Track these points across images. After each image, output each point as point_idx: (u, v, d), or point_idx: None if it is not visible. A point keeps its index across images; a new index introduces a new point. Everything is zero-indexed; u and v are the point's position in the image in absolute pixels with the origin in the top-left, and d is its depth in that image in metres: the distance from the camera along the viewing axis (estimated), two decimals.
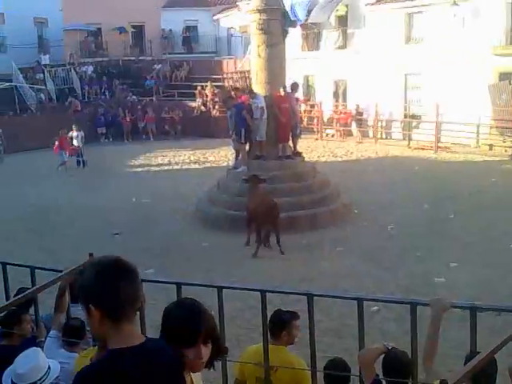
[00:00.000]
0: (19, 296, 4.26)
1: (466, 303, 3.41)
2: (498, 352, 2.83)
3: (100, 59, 32.84)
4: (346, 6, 25.69)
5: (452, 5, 21.81)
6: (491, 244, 10.40)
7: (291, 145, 13.86)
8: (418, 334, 3.38)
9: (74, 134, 20.64)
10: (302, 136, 15.88)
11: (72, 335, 4.08)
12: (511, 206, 12.90)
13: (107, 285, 2.04)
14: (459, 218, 12.28)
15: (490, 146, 20.60)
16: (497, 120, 20.86)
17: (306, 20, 25.73)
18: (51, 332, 4.20)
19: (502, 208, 12.74)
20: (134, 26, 34.87)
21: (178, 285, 3.97)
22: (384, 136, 24.46)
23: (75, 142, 20.52)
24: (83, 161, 20.39)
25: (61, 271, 4.35)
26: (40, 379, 3.16)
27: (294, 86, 13.81)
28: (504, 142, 20.04)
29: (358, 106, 24.75)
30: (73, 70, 29.86)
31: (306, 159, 14.95)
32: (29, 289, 4.38)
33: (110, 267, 2.12)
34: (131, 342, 2.05)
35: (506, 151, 19.48)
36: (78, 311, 4.72)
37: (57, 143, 19.65)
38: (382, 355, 3.37)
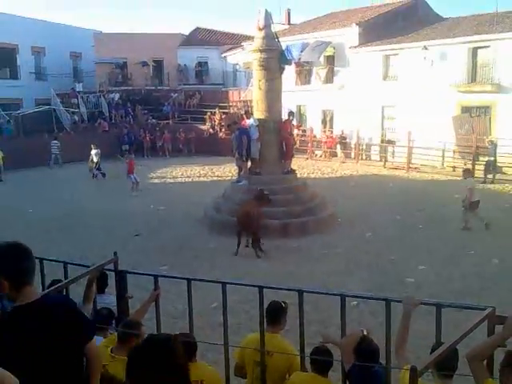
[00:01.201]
0: (52, 287, 4.25)
1: (432, 301, 3.40)
2: (459, 343, 2.82)
3: (125, 88, 33.01)
4: (333, 47, 25.82)
5: (422, 49, 21.95)
6: (453, 250, 10.37)
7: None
8: (391, 326, 3.36)
9: (93, 151, 20.58)
10: (295, 156, 15.89)
11: (102, 322, 4.06)
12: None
13: (9, 263, 2.39)
14: (426, 227, 12.25)
15: (454, 168, 20.59)
16: (459, 146, 20.90)
17: (300, 59, 25.91)
18: None
19: (461, 218, 12.71)
20: (154, 61, 35.08)
21: (189, 280, 3.95)
22: (364, 157, 24.49)
23: (95, 159, 20.50)
24: (103, 173, 20.49)
25: (88, 266, 4.34)
26: None
27: (291, 114, 13.97)
28: (465, 164, 20.00)
29: (342, 131, 24.83)
30: (102, 97, 29.94)
31: (298, 175, 14.96)
32: (61, 281, 4.37)
33: (10, 249, 2.43)
34: (29, 299, 2.41)
35: None
36: (103, 301, 4.72)
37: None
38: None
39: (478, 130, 20.13)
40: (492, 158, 18.05)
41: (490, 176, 17.96)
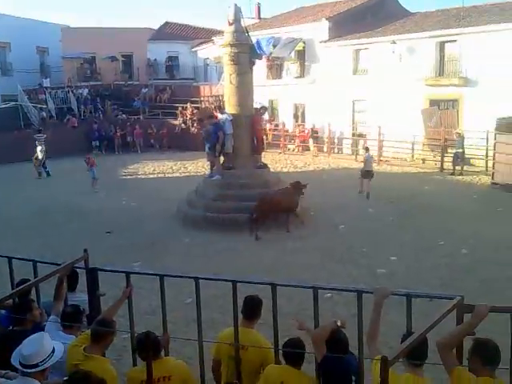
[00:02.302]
0: (22, 286, 4.16)
1: (403, 291, 3.46)
2: (429, 332, 2.87)
3: (94, 83, 32.48)
4: (304, 42, 25.91)
5: (391, 43, 22.22)
6: (423, 242, 10.56)
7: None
8: (364, 317, 3.41)
9: (38, 148, 20.07)
10: (268, 150, 15.94)
11: (69, 320, 3.99)
12: (440, 209, 13.17)
13: None
14: (397, 219, 12.45)
15: (423, 160, 20.98)
16: (428, 139, 21.27)
17: (271, 54, 25.93)
18: (51, 317, 4.11)
19: (432, 211, 12.98)
20: (124, 56, 34.67)
21: (161, 276, 3.93)
22: (336, 151, 24.71)
23: (39, 156, 20.04)
24: (47, 171, 20.11)
25: (59, 264, 4.27)
26: (42, 361, 3.08)
27: (264, 109, 14.07)
28: (434, 156, 20.44)
29: (314, 125, 24.95)
30: (70, 92, 29.36)
31: (272, 170, 15.01)
32: (29, 280, 4.29)
33: None
34: None
35: (435, 164, 19.87)
36: (74, 299, 4.65)
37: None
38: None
39: (447, 122, 20.51)
40: (460, 150, 18.43)
41: (458, 168, 18.36)
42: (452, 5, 24.13)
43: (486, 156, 18.10)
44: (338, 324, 3.43)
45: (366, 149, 16.69)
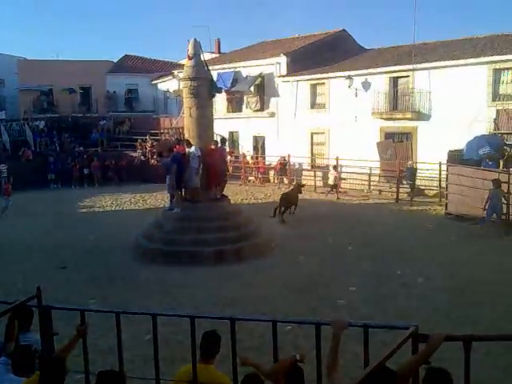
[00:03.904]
0: None
1: (360, 322, 3.50)
2: (385, 362, 2.90)
3: (51, 115, 32.02)
4: (263, 76, 26.49)
5: (347, 78, 23.01)
6: (381, 271, 10.73)
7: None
8: (324, 349, 3.41)
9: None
10: (228, 182, 16.01)
11: (20, 361, 3.82)
12: (396, 239, 13.49)
13: None
14: (356, 249, 12.64)
15: (380, 191, 21.52)
16: (384, 170, 21.89)
17: (231, 88, 26.42)
18: (1, 359, 3.93)
19: (389, 241, 13.27)
20: (82, 88, 34.47)
21: (117, 313, 3.85)
22: (290, 181, 24.99)
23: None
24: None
25: (11, 303, 4.12)
26: None
27: (224, 140, 14.23)
28: (390, 188, 21.00)
29: (284, 158, 24.68)
30: (26, 124, 28.81)
31: (232, 201, 15.02)
32: None
33: None
34: None
35: (391, 195, 20.40)
36: (26, 339, 4.47)
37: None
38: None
39: (401, 154, 21.19)
40: (410, 182, 19.14)
41: (415, 198, 18.96)
42: (404, 42, 25.19)
43: (440, 187, 18.75)
44: (297, 358, 3.43)
45: (335, 167, 21.16)
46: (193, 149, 12.90)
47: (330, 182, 21.23)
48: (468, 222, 14.98)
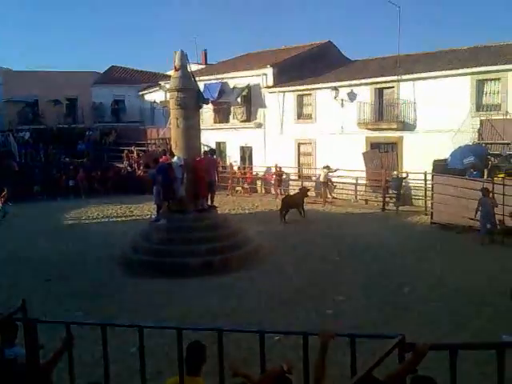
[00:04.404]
0: None
1: (347, 332, 3.52)
2: (371, 372, 2.92)
3: (36, 126, 31.79)
4: (249, 88, 26.63)
5: (333, 89, 23.22)
6: (369, 280, 10.78)
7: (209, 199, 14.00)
8: (311, 360, 3.42)
9: None
10: (216, 192, 15.99)
11: (6, 376, 3.77)
12: (383, 249, 13.56)
13: None
14: (343, 259, 12.67)
15: (366, 201, 21.66)
16: (370, 180, 22.05)
17: (218, 99, 26.52)
18: None
19: (375, 251, 13.33)
20: (68, 99, 34.35)
21: (103, 326, 3.82)
22: (283, 192, 25.04)
23: None
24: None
25: None
26: None
27: (212, 151, 14.20)
28: (376, 197, 21.16)
29: (280, 167, 24.68)
30: (11, 136, 28.55)
31: (220, 212, 15.01)
32: None
33: None
34: None
35: (377, 205, 20.54)
36: (12, 353, 4.40)
37: None
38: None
39: (387, 164, 21.38)
40: (396, 192, 19.35)
41: (401, 208, 19.13)
42: (389, 53, 25.55)
43: (425, 196, 18.92)
44: (285, 368, 3.43)
45: (327, 167, 21.92)
46: (175, 158, 12.95)
47: (321, 179, 22.01)
48: (453, 231, 15.14)
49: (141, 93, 35.42)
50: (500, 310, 8.51)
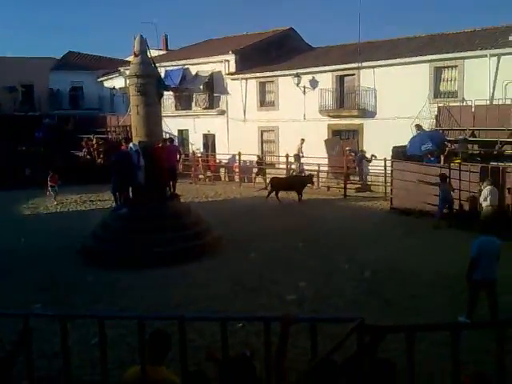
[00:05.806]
0: None
1: (307, 316, 3.58)
2: (333, 354, 2.99)
3: None
4: (211, 74, 26.40)
5: (295, 76, 23.30)
6: (330, 266, 10.96)
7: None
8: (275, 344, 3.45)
9: None
10: (179, 180, 15.85)
11: None
12: (344, 234, 13.80)
13: None
14: (305, 245, 12.83)
15: (328, 188, 21.93)
16: (332, 167, 22.33)
17: (180, 85, 26.20)
18: None
19: (337, 236, 13.56)
20: (24, 86, 33.20)
21: (61, 317, 3.76)
22: (246, 180, 25.09)
23: None
24: None
25: None
26: None
27: (170, 140, 13.98)
28: (338, 184, 21.45)
29: (260, 156, 24.85)
30: None
31: (182, 200, 14.90)
32: None
33: None
34: None
35: (339, 191, 20.83)
36: None
37: None
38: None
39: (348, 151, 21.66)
40: (359, 168, 19.92)
41: (361, 193, 19.50)
42: (350, 41, 25.78)
43: (385, 182, 19.32)
44: (247, 354, 3.46)
45: (297, 156, 22.30)
46: (131, 145, 12.77)
47: (295, 151, 22.52)
48: (412, 216, 15.54)
49: (100, 79, 34.63)
50: (456, 292, 8.81)
